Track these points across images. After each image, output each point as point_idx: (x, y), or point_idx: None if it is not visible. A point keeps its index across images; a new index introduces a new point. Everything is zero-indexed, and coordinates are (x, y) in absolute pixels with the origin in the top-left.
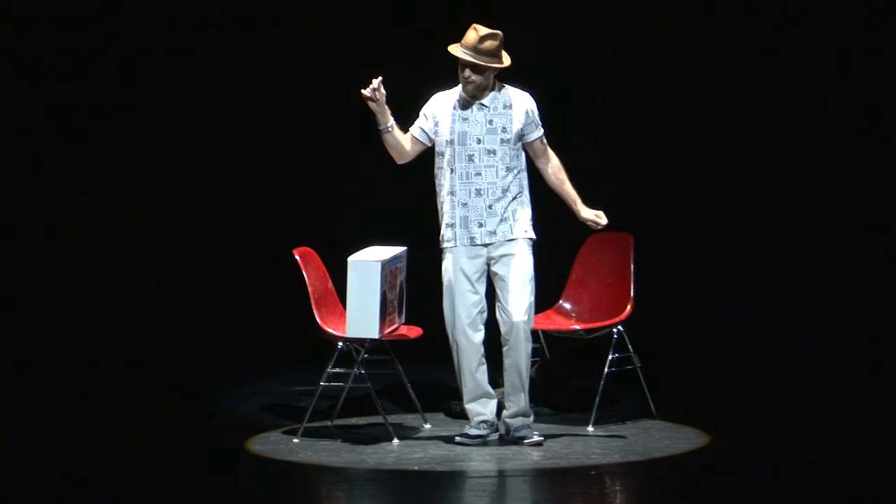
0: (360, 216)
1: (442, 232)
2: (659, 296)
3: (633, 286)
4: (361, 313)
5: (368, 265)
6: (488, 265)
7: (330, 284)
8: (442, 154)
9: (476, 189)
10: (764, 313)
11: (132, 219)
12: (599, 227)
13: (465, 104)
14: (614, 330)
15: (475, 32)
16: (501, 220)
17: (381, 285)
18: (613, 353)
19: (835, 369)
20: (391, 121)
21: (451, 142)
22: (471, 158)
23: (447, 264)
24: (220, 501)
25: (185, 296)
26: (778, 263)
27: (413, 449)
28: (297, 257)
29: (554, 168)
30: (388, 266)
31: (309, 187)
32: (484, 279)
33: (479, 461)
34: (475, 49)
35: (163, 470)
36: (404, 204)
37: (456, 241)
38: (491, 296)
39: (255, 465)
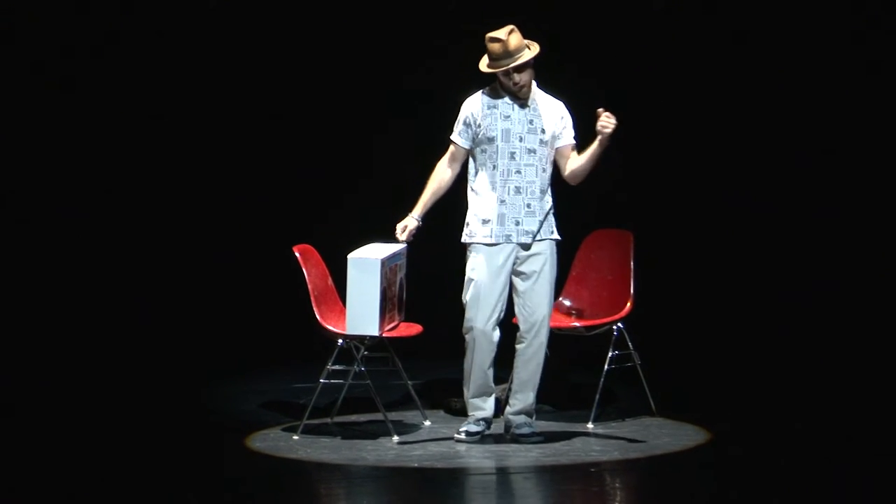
0: (361, 213)
1: (471, 227)
2: (659, 293)
3: (633, 283)
4: (361, 310)
5: (368, 262)
6: (514, 263)
7: (330, 281)
8: (484, 151)
9: (516, 187)
10: (764, 310)
11: (132, 218)
12: (610, 127)
13: (504, 104)
14: (614, 327)
15: (497, 41)
16: (539, 222)
17: (381, 282)
18: (613, 350)
19: (836, 366)
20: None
21: (494, 139)
22: (512, 156)
23: (477, 260)
24: (220, 499)
25: (185, 293)
26: (778, 261)
27: (413, 446)
28: (296, 254)
29: (574, 160)
30: (387, 263)
31: (310, 184)
32: (509, 277)
33: (479, 458)
34: (508, 53)
35: (163, 467)
36: (405, 201)
37: (492, 236)
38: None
39: (255, 461)
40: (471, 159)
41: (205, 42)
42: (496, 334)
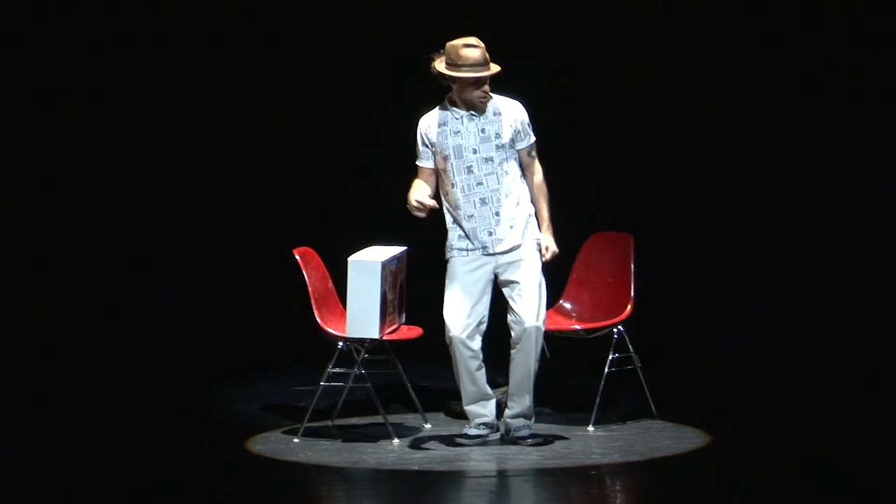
0: (361, 216)
1: (449, 241)
2: (659, 296)
3: (633, 286)
4: (361, 313)
5: (369, 265)
6: (496, 274)
7: (330, 284)
8: (444, 171)
9: (480, 199)
10: (765, 313)
11: (133, 218)
12: (544, 257)
13: (453, 119)
14: (614, 330)
15: (475, 48)
16: (509, 228)
17: (382, 285)
18: (614, 353)
19: (836, 368)
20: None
21: (448, 157)
22: (469, 170)
23: (453, 272)
24: (220, 501)
25: (186, 295)
26: (779, 263)
27: (413, 449)
28: (297, 257)
29: (536, 185)
30: (388, 266)
31: (310, 187)
32: (490, 289)
33: (480, 461)
34: (486, 61)
35: (163, 469)
36: (405, 204)
37: (467, 251)
38: (498, 299)
39: (255, 464)
40: (440, 183)
41: (206, 42)
42: (476, 342)
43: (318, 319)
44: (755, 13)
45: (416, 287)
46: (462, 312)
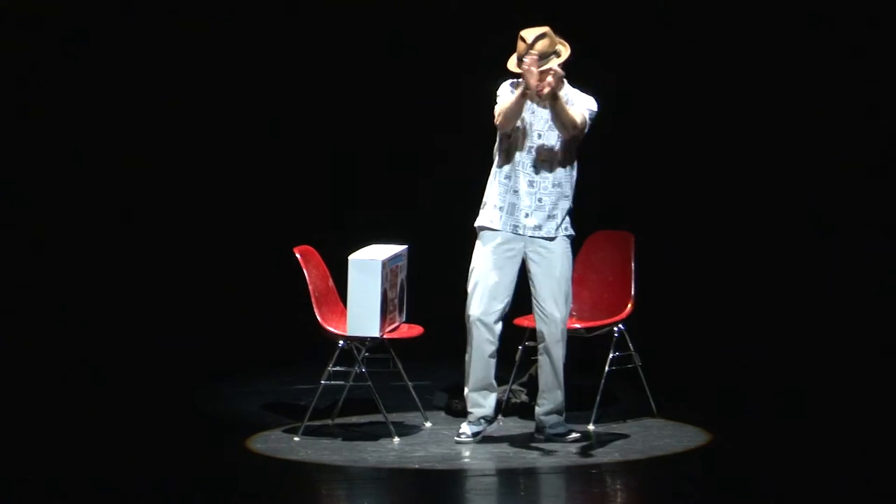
0: (361, 214)
1: (483, 211)
2: (660, 294)
3: (633, 284)
4: (362, 312)
5: (369, 263)
6: (525, 258)
7: (331, 283)
8: (507, 137)
9: (529, 180)
10: (765, 311)
11: (133, 217)
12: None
13: (532, 96)
14: (615, 328)
15: (523, 42)
16: (548, 217)
17: (382, 284)
18: (614, 352)
19: (836, 367)
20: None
21: (516, 129)
22: (530, 150)
23: (482, 247)
24: (220, 500)
25: (186, 294)
26: (779, 261)
27: (414, 447)
28: (297, 255)
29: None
30: (388, 264)
31: (310, 185)
32: (517, 269)
33: (480, 460)
34: (520, 56)
35: (163, 468)
36: (406, 202)
37: (499, 224)
38: (523, 288)
39: (255, 463)
40: (497, 145)
41: (209, 42)
42: (497, 325)
43: (318, 318)
44: (756, 15)
45: (417, 285)
46: (484, 293)
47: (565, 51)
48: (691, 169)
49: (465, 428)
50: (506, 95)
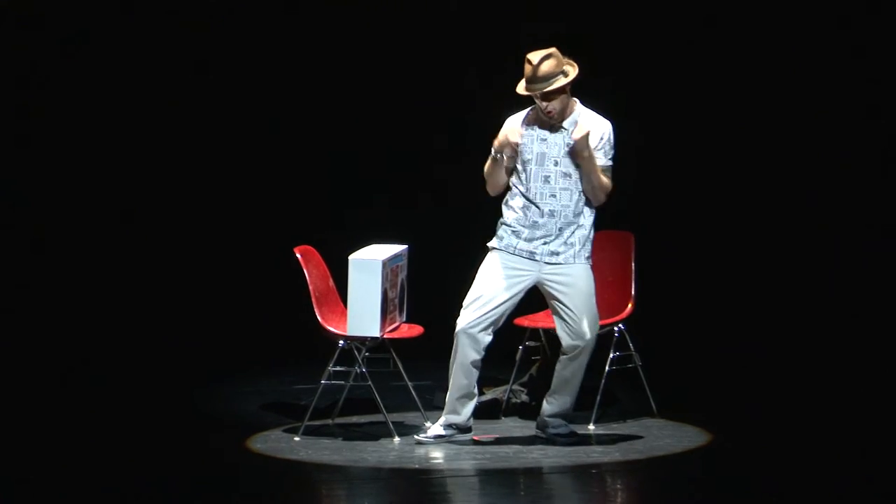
0: (361, 214)
1: (500, 232)
2: (660, 294)
3: (634, 284)
4: (362, 311)
5: (369, 263)
6: (542, 286)
7: (331, 283)
8: (522, 171)
9: (550, 210)
10: (765, 311)
11: (133, 217)
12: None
13: (543, 124)
14: (615, 328)
15: (529, 64)
16: (566, 245)
17: (382, 283)
18: (614, 352)
19: (836, 366)
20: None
21: (529, 161)
22: (546, 180)
23: (492, 263)
24: (220, 500)
25: (186, 294)
26: (780, 260)
27: (414, 447)
28: (298, 255)
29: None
30: (388, 264)
31: (310, 185)
32: (522, 293)
33: (480, 460)
34: (536, 78)
35: (163, 468)
36: (406, 202)
37: (515, 248)
38: (531, 306)
39: (255, 463)
40: (512, 180)
41: (209, 42)
42: (485, 338)
43: (318, 318)
44: (757, 16)
45: (417, 285)
46: (480, 305)
47: (573, 70)
48: (691, 169)
49: (433, 429)
50: (506, 130)
